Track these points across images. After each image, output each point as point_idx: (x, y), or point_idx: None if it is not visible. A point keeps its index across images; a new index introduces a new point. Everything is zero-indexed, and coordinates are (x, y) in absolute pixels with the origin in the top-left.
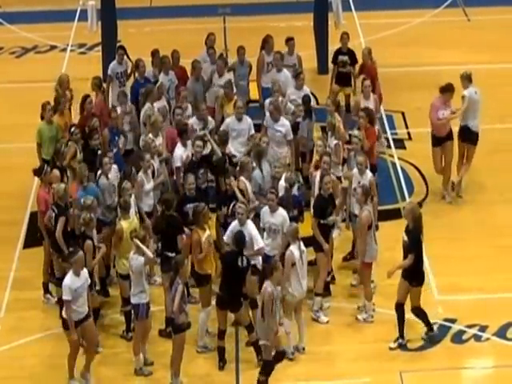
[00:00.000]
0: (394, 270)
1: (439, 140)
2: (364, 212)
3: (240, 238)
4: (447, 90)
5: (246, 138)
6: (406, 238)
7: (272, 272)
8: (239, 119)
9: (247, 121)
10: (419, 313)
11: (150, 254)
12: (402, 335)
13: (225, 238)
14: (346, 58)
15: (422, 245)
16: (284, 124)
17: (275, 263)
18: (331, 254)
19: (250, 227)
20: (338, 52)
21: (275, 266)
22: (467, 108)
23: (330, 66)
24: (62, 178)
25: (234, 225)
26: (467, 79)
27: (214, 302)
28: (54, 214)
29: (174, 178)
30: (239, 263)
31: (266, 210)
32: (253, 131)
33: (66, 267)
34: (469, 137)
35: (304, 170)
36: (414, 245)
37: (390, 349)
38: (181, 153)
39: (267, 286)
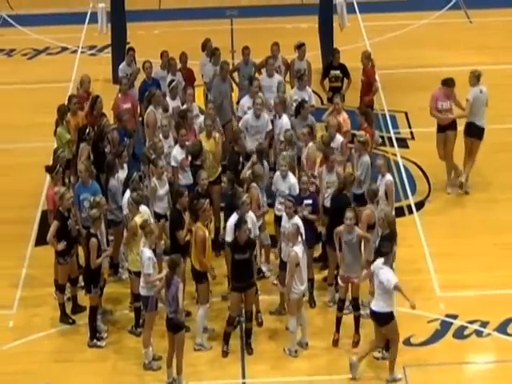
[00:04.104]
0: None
1: (441, 128)
2: (365, 211)
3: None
4: (446, 83)
5: (263, 134)
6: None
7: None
8: (257, 116)
9: (265, 117)
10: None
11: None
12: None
13: (226, 238)
14: (337, 72)
15: (395, 254)
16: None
17: None
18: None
19: (251, 215)
20: (330, 67)
21: None
22: (472, 106)
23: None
24: (64, 181)
25: (233, 216)
26: (476, 78)
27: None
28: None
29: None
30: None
31: (284, 215)
32: (270, 127)
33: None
34: (474, 131)
35: None
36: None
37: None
38: (176, 153)
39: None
